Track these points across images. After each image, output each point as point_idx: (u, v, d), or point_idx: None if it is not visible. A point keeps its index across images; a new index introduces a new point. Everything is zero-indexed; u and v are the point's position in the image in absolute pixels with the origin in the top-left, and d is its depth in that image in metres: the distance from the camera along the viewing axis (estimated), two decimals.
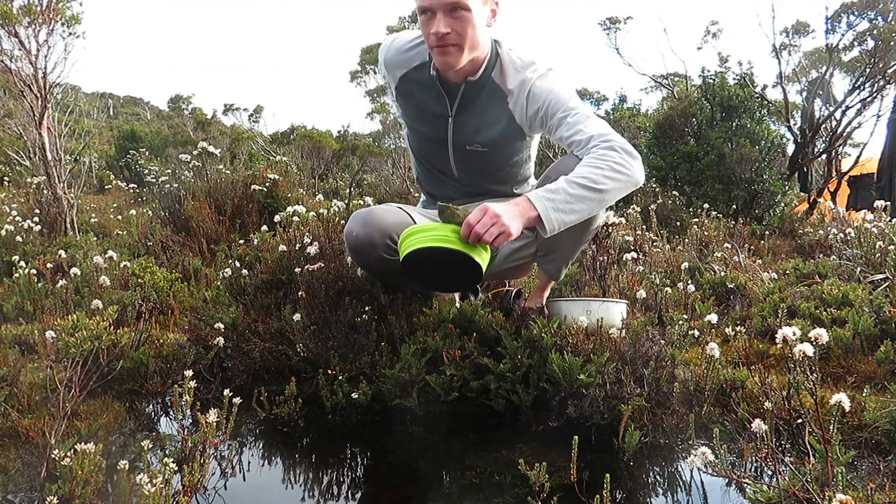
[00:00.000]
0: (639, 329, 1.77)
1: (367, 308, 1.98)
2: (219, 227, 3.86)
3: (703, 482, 1.50)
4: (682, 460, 1.60)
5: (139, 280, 2.68)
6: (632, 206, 4.48)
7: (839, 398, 1.01)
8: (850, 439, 1.52)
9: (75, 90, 8.22)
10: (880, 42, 6.57)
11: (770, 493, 1.16)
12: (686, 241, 4.31)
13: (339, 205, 2.59)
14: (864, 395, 1.61)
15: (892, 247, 2.87)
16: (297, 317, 1.98)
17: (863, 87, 6.92)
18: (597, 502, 1.16)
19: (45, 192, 4.73)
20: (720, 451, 1.19)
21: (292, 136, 11.80)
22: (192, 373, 1.59)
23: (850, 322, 2.15)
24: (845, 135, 7.50)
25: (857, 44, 7.09)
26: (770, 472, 1.47)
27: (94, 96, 15.75)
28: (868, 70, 6.81)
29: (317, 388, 1.82)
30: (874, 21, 6.82)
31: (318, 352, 1.91)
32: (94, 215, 5.50)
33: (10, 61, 4.13)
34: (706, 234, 4.46)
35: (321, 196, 4.01)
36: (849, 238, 3.49)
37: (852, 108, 7.12)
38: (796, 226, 5.65)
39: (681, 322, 2.09)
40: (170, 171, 5.91)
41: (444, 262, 1.53)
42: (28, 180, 6.14)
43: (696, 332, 1.99)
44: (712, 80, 6.77)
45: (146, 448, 1.32)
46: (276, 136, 12.74)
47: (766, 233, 5.04)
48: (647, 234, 3.71)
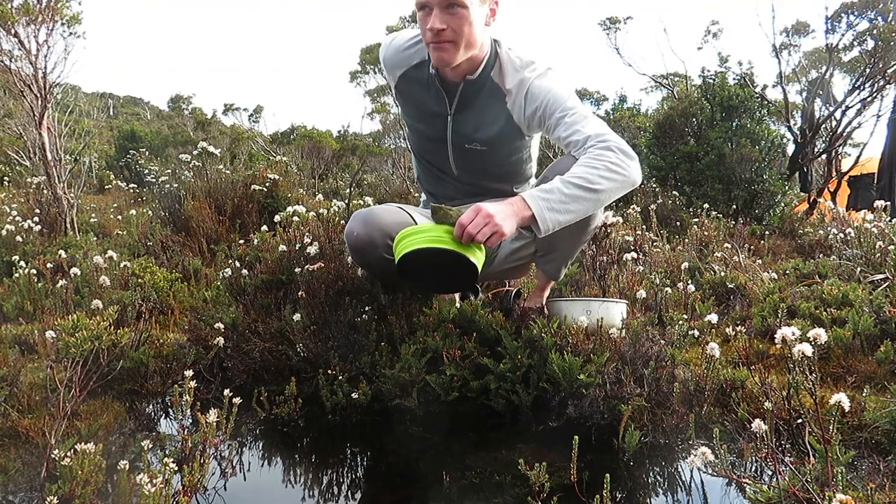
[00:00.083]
0: (639, 329, 1.77)
1: (367, 308, 1.98)
2: (219, 227, 3.86)
3: (703, 482, 1.50)
4: (682, 460, 1.60)
5: (139, 280, 2.68)
6: (632, 206, 4.48)
7: (839, 398, 1.01)
8: (850, 439, 1.52)
9: (75, 90, 8.21)
10: (880, 42, 6.57)
11: (770, 493, 1.16)
12: (686, 241, 4.31)
13: (339, 205, 2.59)
14: (864, 395, 1.61)
15: (892, 247, 2.87)
16: (297, 317, 1.98)
17: (863, 87, 6.92)
18: (597, 502, 1.16)
19: (45, 192, 4.73)
20: (720, 451, 1.19)
21: (292, 136, 11.80)
22: (192, 373, 1.59)
23: (850, 322, 2.15)
24: (845, 135, 7.50)
25: (857, 44, 7.09)
26: (770, 472, 1.47)
27: (94, 96, 15.75)
28: (868, 70, 6.81)
29: (317, 388, 1.82)
30: (874, 21, 6.82)
31: (318, 352, 1.91)
32: (94, 215, 5.50)
33: (10, 61, 4.14)
34: (706, 234, 4.46)
35: (321, 196, 4.01)
36: (849, 238, 3.49)
37: (852, 108, 7.12)
38: (796, 226, 5.65)
39: (681, 322, 2.09)
40: (170, 171, 5.91)
41: (438, 263, 1.53)
42: (28, 180, 6.14)
43: (696, 332, 1.99)
44: (712, 80, 6.77)
45: (146, 448, 1.32)
46: (276, 136, 12.75)
47: (766, 233, 5.04)
48: (647, 234, 3.71)
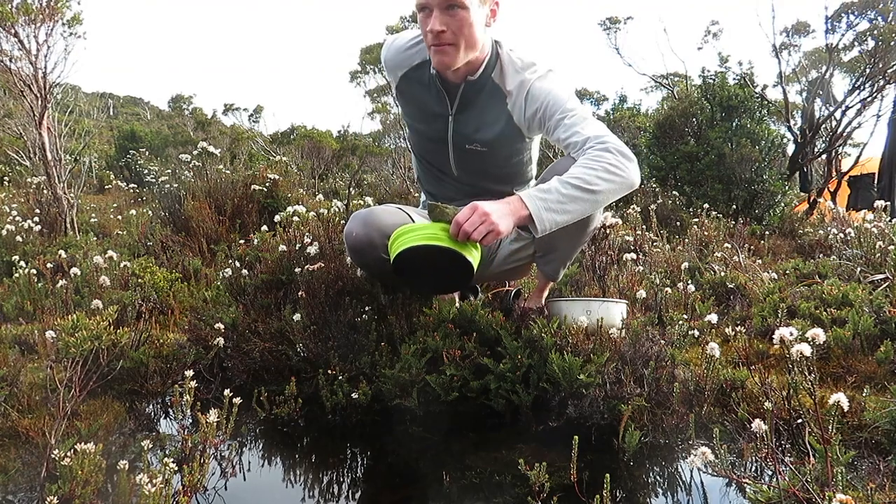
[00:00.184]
0: (639, 329, 1.77)
1: (367, 308, 1.98)
2: (219, 227, 3.86)
3: (703, 482, 1.50)
4: (682, 460, 1.60)
5: (139, 280, 2.68)
6: (632, 207, 4.48)
7: (838, 398, 1.01)
8: (850, 439, 1.52)
9: (75, 90, 8.22)
10: (880, 42, 6.57)
11: (770, 493, 1.16)
12: (686, 241, 4.31)
13: (338, 205, 2.59)
14: (864, 395, 1.61)
15: (892, 247, 2.87)
16: (297, 317, 1.98)
17: (863, 87, 6.92)
18: (597, 502, 1.16)
19: (45, 192, 4.73)
20: (720, 451, 1.19)
21: (292, 136, 11.81)
22: (192, 373, 1.59)
23: (850, 322, 2.15)
24: (845, 135, 7.50)
25: (857, 44, 7.08)
26: (770, 472, 1.47)
27: (94, 96, 15.75)
28: (868, 70, 6.81)
29: (317, 388, 1.82)
30: (874, 21, 6.81)
31: (318, 352, 1.91)
32: (94, 215, 5.50)
33: (10, 61, 4.14)
34: (706, 234, 4.46)
35: (321, 196, 4.01)
36: (849, 238, 3.49)
37: (852, 108, 7.12)
38: (796, 226, 5.65)
39: (681, 322, 2.09)
40: (170, 171, 5.91)
41: (434, 261, 1.53)
42: (28, 180, 6.14)
43: (696, 332, 1.99)
44: (712, 80, 6.77)
45: (146, 448, 1.32)
46: (276, 136, 12.75)
47: (766, 233, 5.04)
48: (646, 234, 3.71)
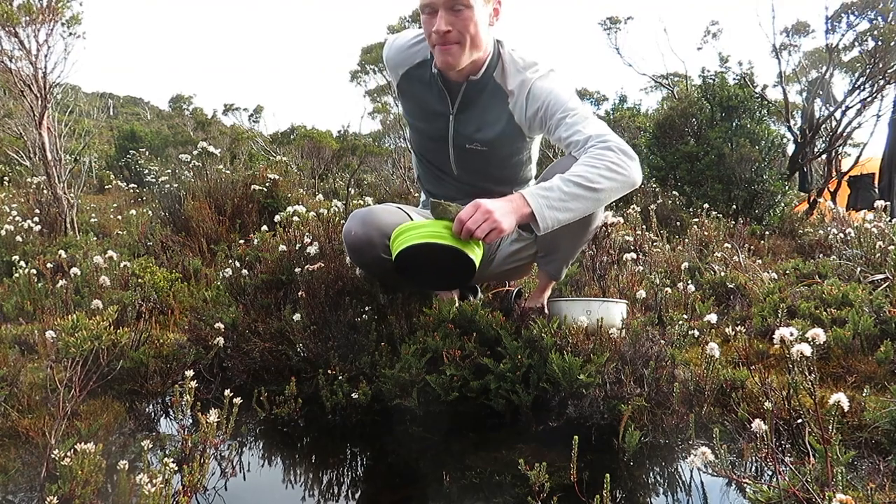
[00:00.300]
0: (639, 329, 1.77)
1: (367, 308, 1.98)
2: (219, 227, 3.86)
3: (703, 482, 1.50)
4: (682, 460, 1.60)
5: (139, 280, 2.68)
6: (632, 206, 4.48)
7: (838, 398, 1.01)
8: (850, 439, 1.52)
9: (75, 90, 8.22)
10: (880, 42, 6.57)
11: (770, 493, 1.16)
12: (686, 241, 4.31)
13: (338, 205, 2.59)
14: (864, 395, 1.61)
15: (892, 247, 2.87)
16: (297, 317, 1.98)
17: (863, 87, 6.92)
18: (597, 502, 1.16)
19: (45, 192, 4.73)
20: (720, 451, 1.19)
21: (292, 136, 11.81)
22: (192, 373, 1.59)
23: (850, 322, 2.15)
24: (845, 135, 7.49)
25: (857, 44, 7.08)
26: (770, 472, 1.47)
27: (94, 96, 15.74)
28: (868, 70, 6.81)
29: (317, 388, 1.82)
30: (874, 21, 6.81)
31: (318, 352, 1.91)
32: (94, 215, 5.50)
33: (10, 61, 4.14)
34: (706, 234, 4.46)
35: (321, 196, 4.01)
36: (849, 238, 3.49)
37: (852, 108, 7.11)
38: (796, 226, 5.65)
39: (681, 322, 2.09)
40: (170, 171, 5.91)
41: (436, 259, 1.53)
42: (28, 180, 6.14)
43: (696, 332, 1.99)
44: (712, 80, 6.76)
45: (146, 448, 1.32)
46: (276, 136, 12.75)
47: (766, 233, 5.04)
48: (647, 234, 3.71)
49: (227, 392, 1.55)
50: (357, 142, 11.91)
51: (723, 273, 3.24)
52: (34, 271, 2.71)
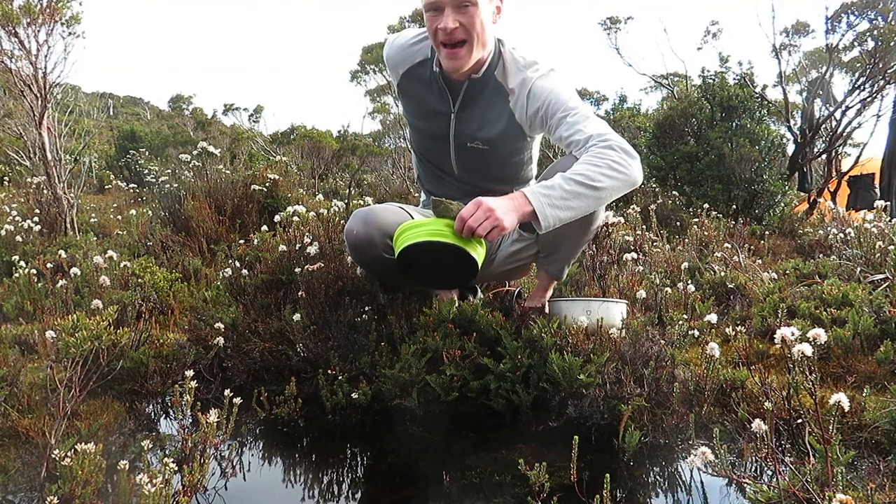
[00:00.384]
0: (639, 329, 1.77)
1: (367, 308, 1.98)
2: (219, 227, 3.86)
3: (703, 482, 1.50)
4: (682, 460, 1.60)
5: (139, 280, 2.68)
6: (632, 206, 4.48)
7: (838, 398, 1.01)
8: (850, 439, 1.52)
9: (75, 90, 8.22)
10: (880, 42, 6.57)
11: (770, 493, 1.16)
12: (686, 241, 4.31)
13: (338, 205, 2.59)
14: (864, 395, 1.61)
15: (892, 247, 2.87)
16: (297, 317, 1.98)
17: (863, 87, 6.92)
18: (597, 502, 1.16)
19: (45, 192, 4.73)
20: (720, 451, 1.19)
21: (292, 136, 11.81)
22: (192, 373, 1.59)
23: (850, 322, 2.15)
24: (845, 135, 7.50)
25: (857, 44, 7.09)
26: (770, 472, 1.47)
27: (94, 96, 15.74)
28: (868, 70, 6.81)
29: (317, 388, 1.82)
30: (874, 21, 6.81)
31: (318, 352, 1.91)
32: (94, 215, 5.50)
33: (10, 61, 4.14)
34: (706, 234, 4.46)
35: (321, 196, 4.01)
36: (849, 238, 3.49)
37: (852, 108, 7.12)
38: (796, 226, 5.65)
39: (681, 322, 2.09)
40: (170, 171, 5.91)
41: (438, 257, 1.53)
42: (28, 180, 6.14)
43: (696, 332, 1.99)
44: (712, 80, 6.77)
45: (146, 448, 1.32)
46: (276, 136, 12.76)
47: (766, 233, 5.04)
48: (647, 234, 3.71)
49: (227, 392, 1.55)
50: (357, 142, 11.91)
51: (723, 273, 3.24)
52: (34, 271, 2.71)
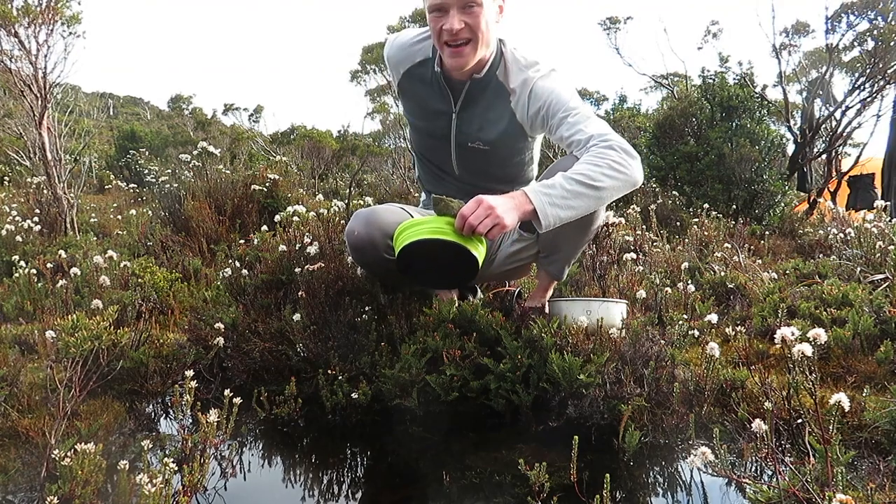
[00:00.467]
0: (639, 329, 1.77)
1: (367, 308, 1.98)
2: (219, 227, 3.86)
3: (703, 482, 1.50)
4: (682, 460, 1.60)
5: (139, 280, 2.68)
6: (632, 206, 4.48)
7: (838, 398, 1.01)
8: (850, 439, 1.52)
9: (75, 90, 8.22)
10: (880, 42, 6.57)
11: (770, 493, 1.16)
12: (686, 241, 4.31)
13: (339, 205, 2.59)
14: (864, 395, 1.61)
15: (892, 247, 2.87)
16: (297, 317, 1.97)
17: (863, 87, 6.92)
18: (597, 502, 1.16)
19: (45, 192, 4.73)
20: (720, 451, 1.19)
21: (292, 136, 11.81)
22: (192, 373, 1.59)
23: (850, 322, 2.15)
24: (845, 135, 7.50)
25: (857, 44, 7.08)
26: (770, 472, 1.47)
27: (94, 96, 15.74)
28: (868, 70, 6.81)
29: (317, 388, 1.82)
30: (874, 21, 6.81)
31: (318, 352, 1.91)
32: (94, 215, 5.50)
33: (10, 61, 4.14)
34: (706, 234, 4.46)
35: (321, 196, 4.01)
36: (849, 238, 3.49)
37: (852, 108, 7.12)
38: (796, 226, 5.65)
39: (681, 322, 2.09)
40: (170, 171, 5.91)
41: (439, 256, 1.52)
42: (28, 180, 6.15)
43: (696, 332, 1.99)
44: (712, 80, 6.77)
45: (146, 448, 1.32)
46: (276, 136, 12.75)
47: (766, 233, 5.04)
48: (647, 234, 3.71)
49: (227, 392, 1.55)
50: (357, 142, 11.91)
51: (723, 273, 3.24)
52: (34, 271, 2.71)
